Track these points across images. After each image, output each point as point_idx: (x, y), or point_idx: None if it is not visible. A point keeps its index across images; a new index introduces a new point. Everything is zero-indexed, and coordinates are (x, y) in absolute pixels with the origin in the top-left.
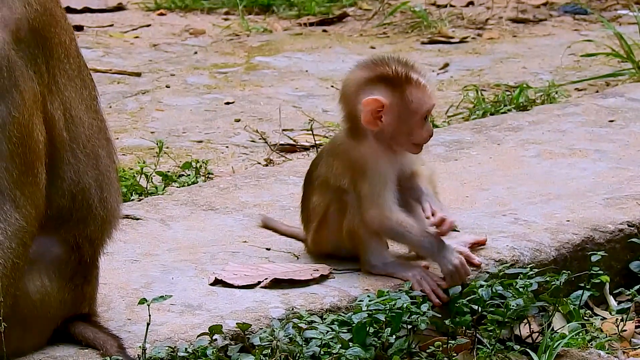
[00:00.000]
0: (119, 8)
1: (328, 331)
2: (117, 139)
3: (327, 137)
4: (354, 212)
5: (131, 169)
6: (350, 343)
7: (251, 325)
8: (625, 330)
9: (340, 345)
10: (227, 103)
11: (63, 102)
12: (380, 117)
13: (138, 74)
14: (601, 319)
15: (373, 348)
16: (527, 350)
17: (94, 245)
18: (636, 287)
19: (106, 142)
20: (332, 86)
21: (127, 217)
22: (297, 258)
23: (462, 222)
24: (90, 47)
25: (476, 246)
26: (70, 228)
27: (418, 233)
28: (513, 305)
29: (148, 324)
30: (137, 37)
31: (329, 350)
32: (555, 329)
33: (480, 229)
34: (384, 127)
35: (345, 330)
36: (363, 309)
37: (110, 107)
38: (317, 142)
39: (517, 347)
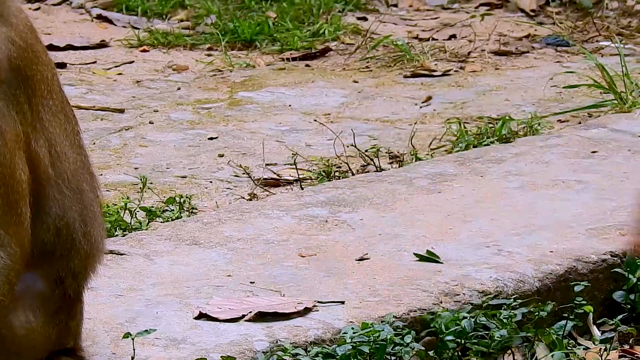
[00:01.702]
0: (102, 45)
1: None
2: (101, 175)
3: (310, 171)
4: None
5: (115, 204)
6: None
7: (236, 358)
8: None
9: None
10: (211, 138)
11: (48, 138)
12: None
13: (121, 111)
14: (584, 349)
15: None
16: None
17: (78, 280)
18: (619, 317)
19: (89, 177)
20: (315, 120)
21: (111, 252)
22: (281, 292)
23: (446, 255)
24: (73, 84)
25: None
26: (53, 263)
27: None
28: (497, 336)
29: (132, 358)
30: (120, 73)
31: None
32: (539, 359)
33: (464, 261)
34: None
35: None
36: (347, 341)
37: (94, 143)
38: (300, 176)
39: None
